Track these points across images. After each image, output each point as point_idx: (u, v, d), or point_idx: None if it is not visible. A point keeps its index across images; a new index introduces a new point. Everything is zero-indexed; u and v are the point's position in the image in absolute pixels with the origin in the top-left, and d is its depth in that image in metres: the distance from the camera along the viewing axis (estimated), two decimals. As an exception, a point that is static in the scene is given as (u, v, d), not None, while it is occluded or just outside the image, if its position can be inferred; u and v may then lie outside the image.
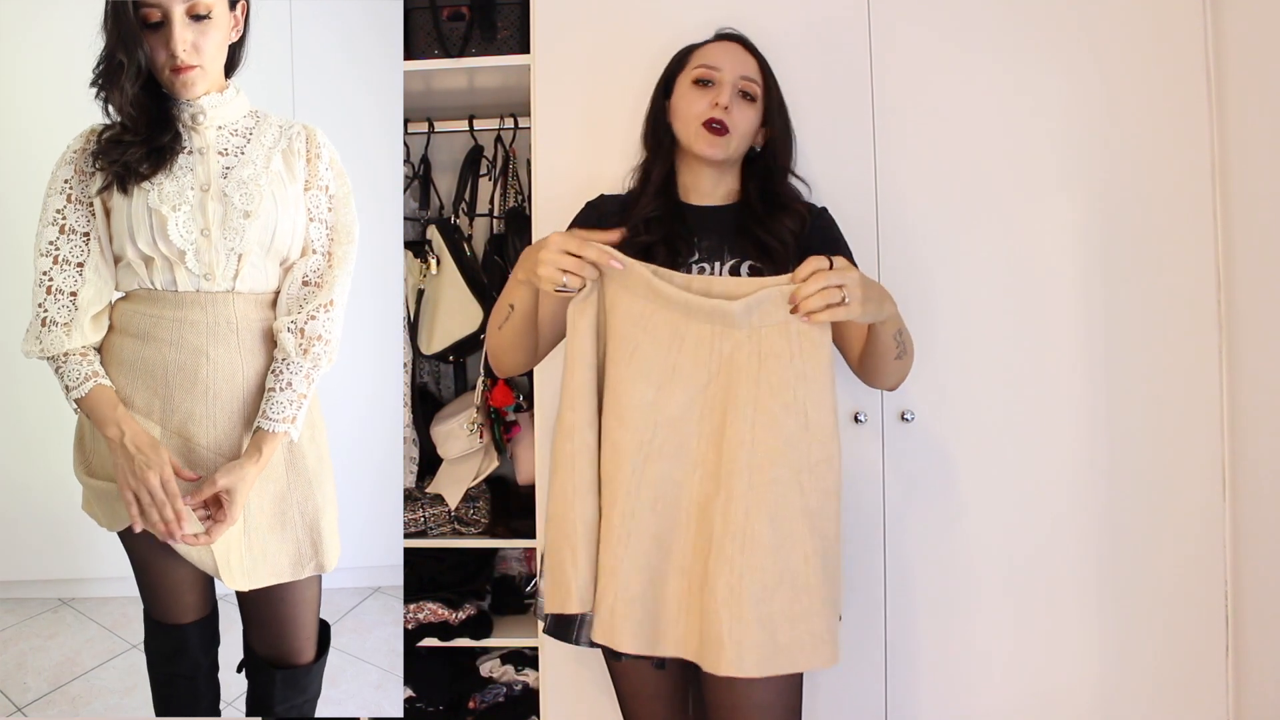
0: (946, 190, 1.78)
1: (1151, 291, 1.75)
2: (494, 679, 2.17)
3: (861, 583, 1.78)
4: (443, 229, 2.10)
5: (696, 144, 1.47)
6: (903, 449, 1.78)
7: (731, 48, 1.52)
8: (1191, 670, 1.74)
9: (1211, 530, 1.73)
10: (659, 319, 1.28)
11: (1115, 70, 1.76)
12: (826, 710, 1.78)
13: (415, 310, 2.08)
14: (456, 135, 2.24)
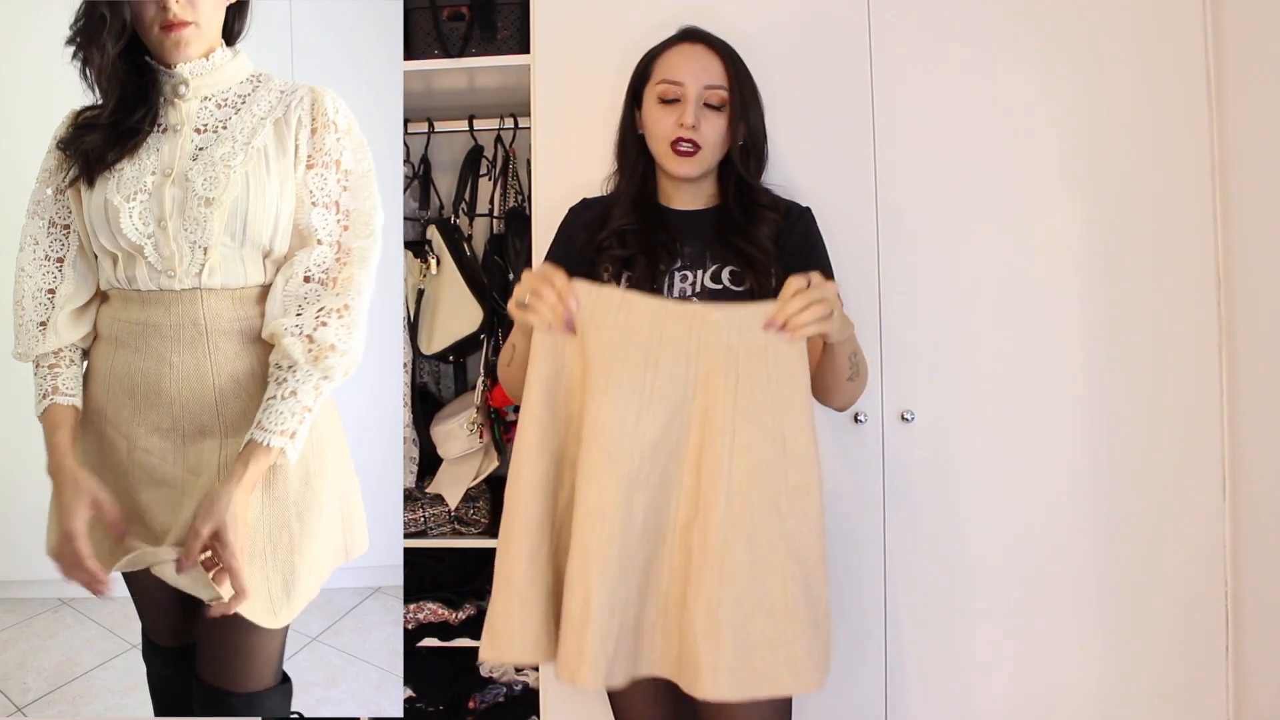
0: (946, 190, 1.78)
1: (1151, 291, 1.75)
2: (494, 679, 2.17)
3: (861, 583, 1.78)
4: (443, 229, 2.10)
5: (667, 164, 1.45)
6: (903, 449, 1.78)
7: (694, 52, 1.45)
8: (1191, 670, 1.74)
9: (1211, 530, 1.73)
10: (633, 343, 1.23)
11: (1115, 70, 1.76)
12: (826, 711, 1.78)
13: (415, 310, 2.08)
14: (456, 135, 2.24)
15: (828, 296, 1.20)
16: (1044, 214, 1.78)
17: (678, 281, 1.44)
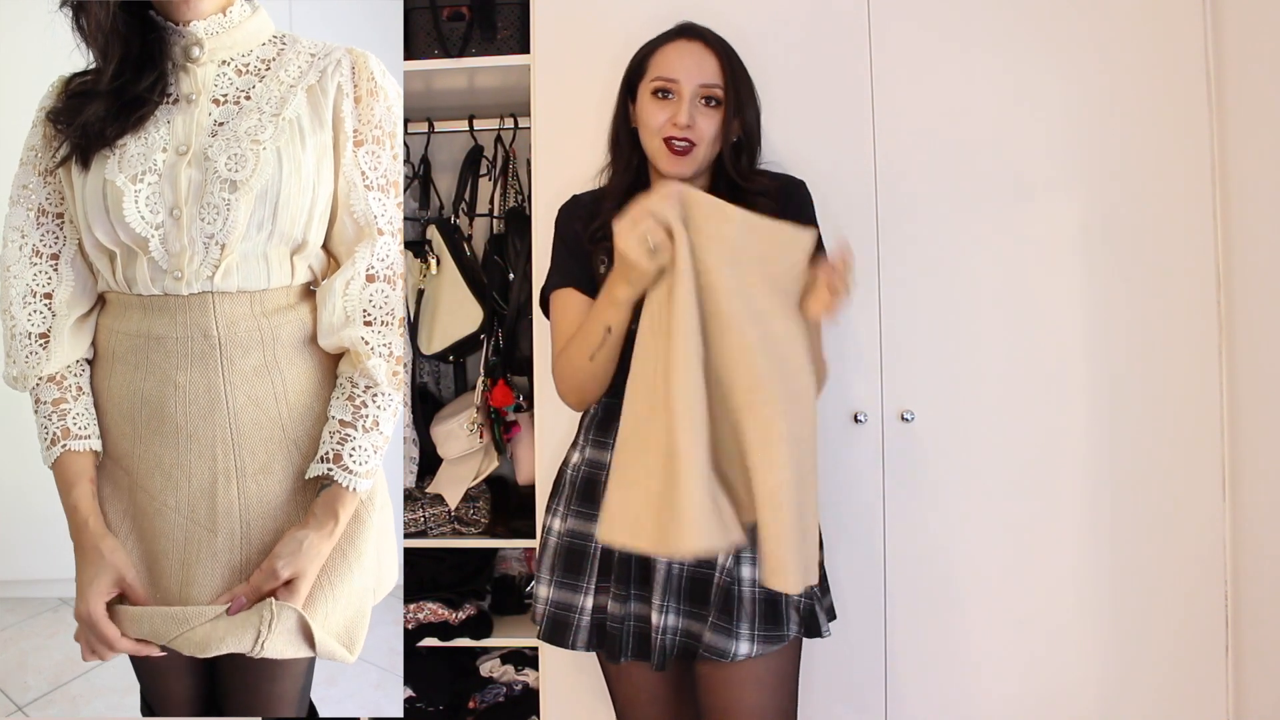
0: (946, 189, 1.78)
1: (1151, 291, 1.75)
2: (494, 679, 2.17)
3: (862, 582, 1.78)
4: (443, 229, 2.10)
5: (660, 162, 1.43)
6: (903, 449, 1.78)
7: (690, 49, 1.44)
8: (1191, 670, 1.74)
9: (1211, 530, 1.73)
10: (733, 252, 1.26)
11: (1116, 68, 1.76)
12: (825, 710, 1.78)
13: (415, 310, 2.08)
14: (456, 135, 2.24)
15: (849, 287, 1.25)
16: (1044, 213, 1.78)
17: None
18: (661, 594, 1.39)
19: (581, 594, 1.44)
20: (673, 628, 1.39)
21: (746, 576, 1.38)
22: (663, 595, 1.39)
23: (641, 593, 1.41)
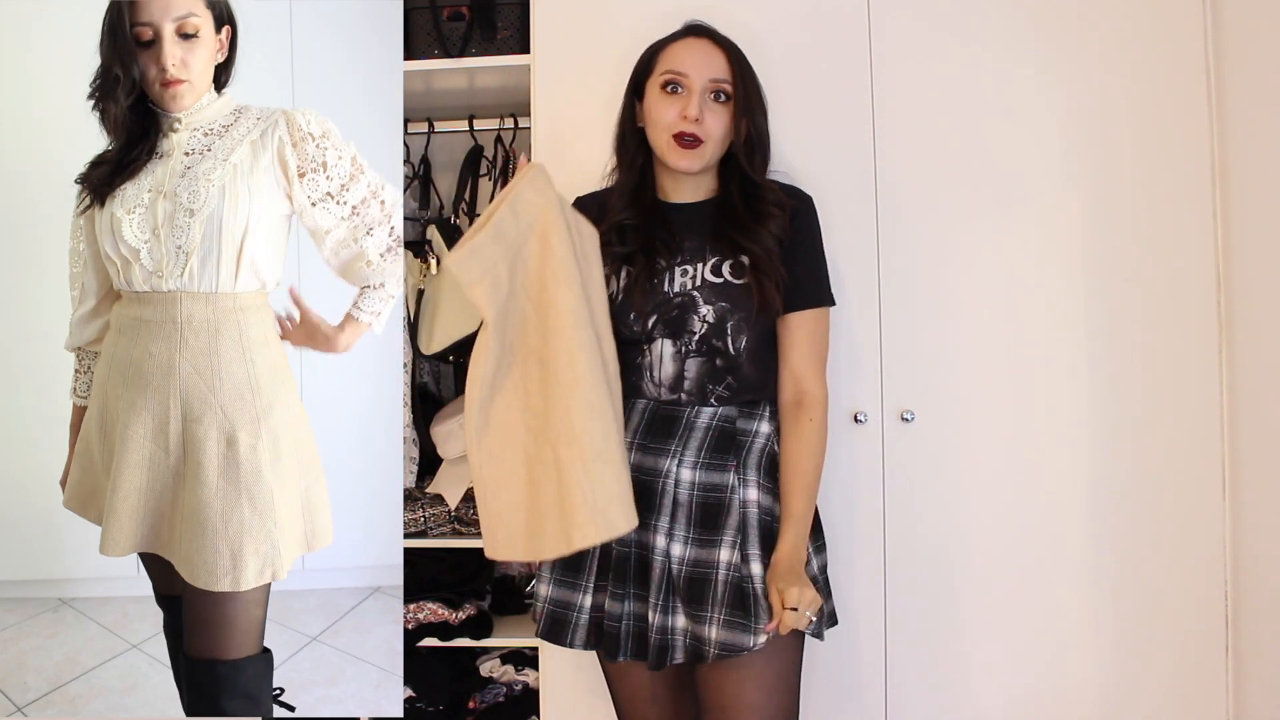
0: (947, 188, 1.78)
1: (1151, 291, 1.75)
2: (494, 679, 2.17)
3: (862, 582, 1.78)
4: (443, 229, 2.10)
5: (669, 157, 1.44)
6: (903, 449, 1.78)
7: (699, 45, 1.45)
8: (1191, 670, 1.74)
9: (1211, 530, 1.73)
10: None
11: (1116, 67, 1.76)
12: (825, 710, 1.78)
13: (415, 310, 2.08)
14: (456, 135, 2.24)
15: (811, 610, 1.33)
16: (1045, 212, 1.78)
17: (678, 276, 1.44)
18: (659, 593, 1.39)
19: (580, 592, 1.44)
20: (670, 627, 1.39)
21: (757, 573, 1.38)
22: (660, 594, 1.39)
23: (639, 592, 1.41)
